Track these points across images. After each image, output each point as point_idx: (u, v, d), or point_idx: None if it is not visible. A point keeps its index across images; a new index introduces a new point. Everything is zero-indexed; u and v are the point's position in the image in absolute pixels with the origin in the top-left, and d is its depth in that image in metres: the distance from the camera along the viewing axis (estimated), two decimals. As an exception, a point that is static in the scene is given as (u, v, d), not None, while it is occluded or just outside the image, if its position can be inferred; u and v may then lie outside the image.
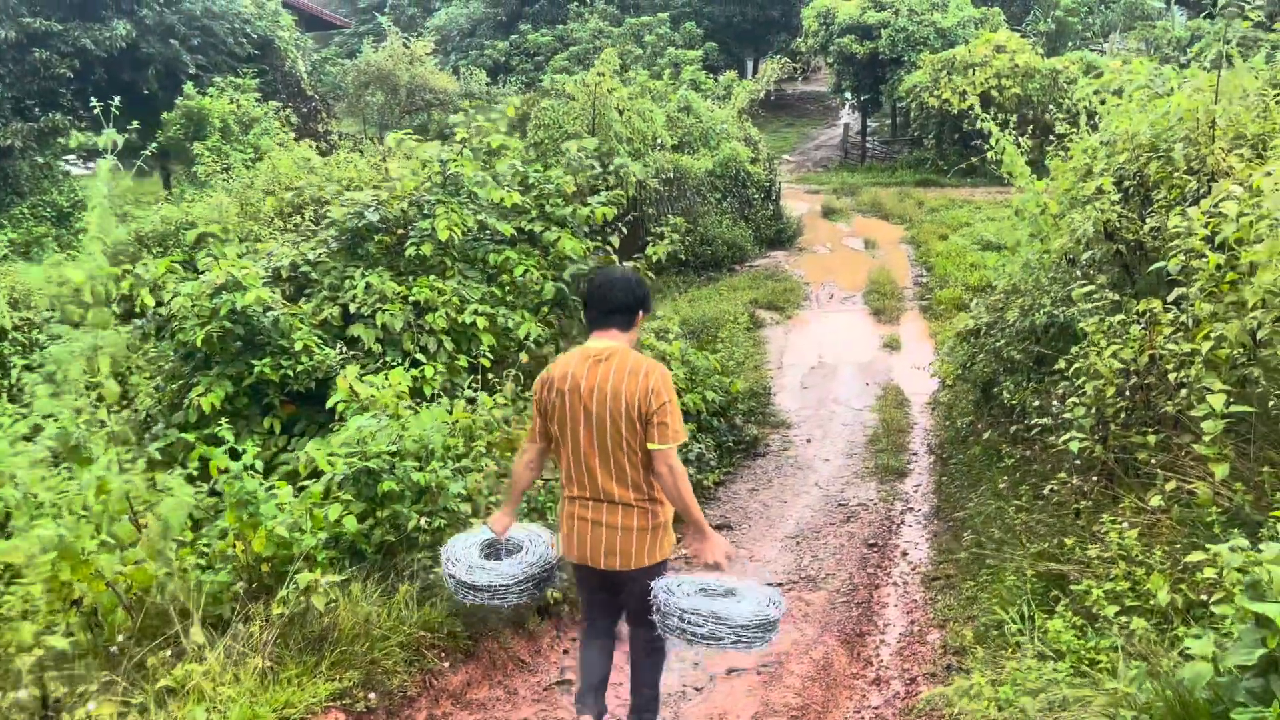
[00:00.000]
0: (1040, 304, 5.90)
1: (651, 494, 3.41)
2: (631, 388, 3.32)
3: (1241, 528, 3.50)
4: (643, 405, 3.31)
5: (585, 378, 3.38)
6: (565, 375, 3.44)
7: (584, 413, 3.37)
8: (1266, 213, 3.65)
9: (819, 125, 35.37)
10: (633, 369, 3.36)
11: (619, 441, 3.34)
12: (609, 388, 3.33)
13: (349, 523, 4.22)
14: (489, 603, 3.72)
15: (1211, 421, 3.51)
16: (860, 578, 5.95)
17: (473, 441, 5.20)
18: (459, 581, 3.68)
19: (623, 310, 3.50)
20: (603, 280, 3.58)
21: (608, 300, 3.50)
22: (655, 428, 3.31)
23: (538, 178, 8.20)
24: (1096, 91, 6.56)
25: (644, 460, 3.36)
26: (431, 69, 29.71)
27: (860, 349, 12.47)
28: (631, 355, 3.44)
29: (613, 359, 3.39)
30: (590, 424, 3.37)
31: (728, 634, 3.22)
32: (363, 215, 7.35)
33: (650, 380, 3.34)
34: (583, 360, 3.43)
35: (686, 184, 17.44)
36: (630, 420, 3.32)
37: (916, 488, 7.82)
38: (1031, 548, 4.37)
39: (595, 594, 3.69)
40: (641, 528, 3.41)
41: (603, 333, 3.49)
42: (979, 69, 22.96)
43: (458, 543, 3.84)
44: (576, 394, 3.39)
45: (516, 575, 3.66)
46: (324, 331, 6.83)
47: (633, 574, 3.44)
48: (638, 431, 3.33)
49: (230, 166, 13.63)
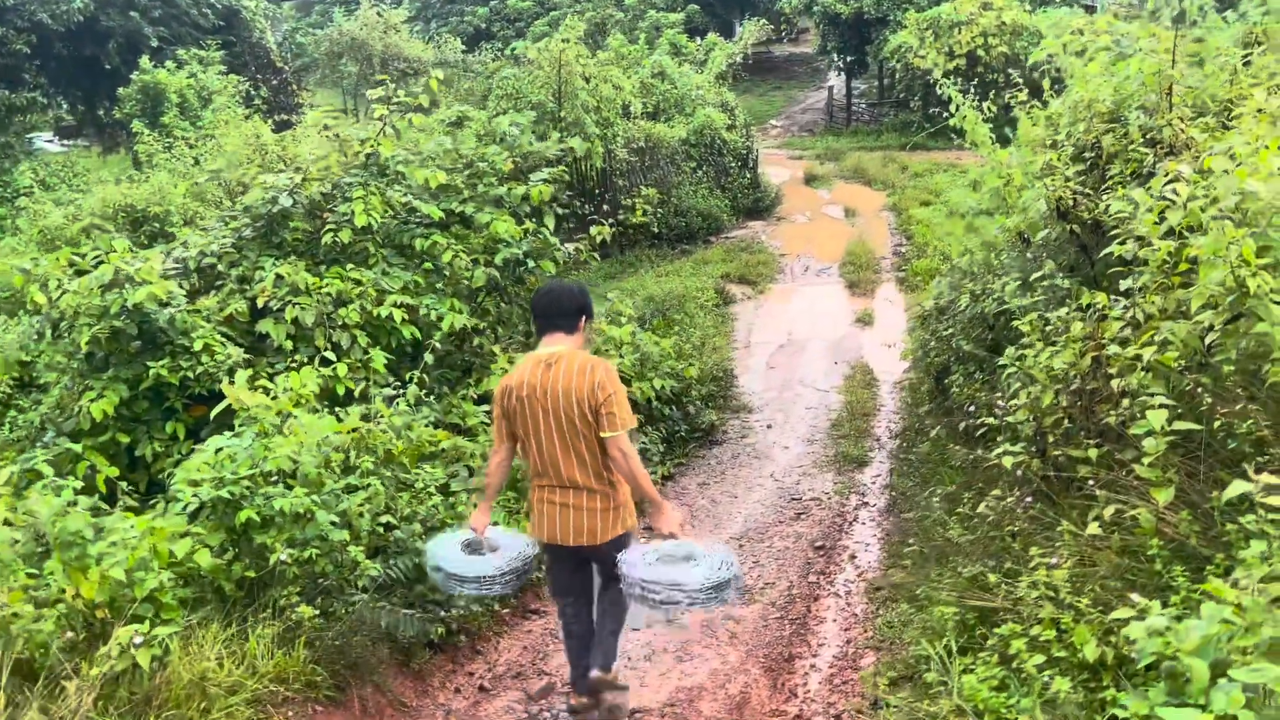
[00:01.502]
0: (991, 289, 5.42)
1: (610, 478, 3.80)
2: (580, 385, 3.70)
3: (1187, 562, 3.06)
4: (591, 400, 3.68)
5: (539, 383, 3.76)
6: (522, 383, 3.80)
7: (542, 412, 3.75)
8: (1217, 195, 3.17)
9: (806, 88, 34.57)
10: (580, 368, 3.73)
11: (575, 434, 3.73)
12: (560, 388, 3.72)
13: (202, 558, 3.79)
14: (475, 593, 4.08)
15: (1153, 440, 3.05)
16: (801, 587, 5.53)
17: (366, 455, 4.75)
18: (447, 574, 3.94)
19: (566, 316, 3.88)
20: (547, 291, 4.03)
21: (552, 308, 3.90)
22: (604, 418, 3.69)
23: (470, 155, 7.70)
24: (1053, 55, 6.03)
25: (600, 448, 3.73)
26: (406, 37, 28.96)
27: (832, 325, 11.99)
28: (578, 356, 3.80)
29: (560, 362, 3.76)
30: (549, 422, 3.75)
31: (683, 597, 3.57)
32: (276, 200, 6.84)
33: (595, 376, 3.71)
34: (535, 366, 3.81)
35: (659, 153, 16.87)
36: (583, 414, 3.69)
37: (875, 479, 7.39)
38: (965, 570, 3.93)
39: (567, 574, 4.07)
40: (604, 509, 3.81)
41: (550, 337, 3.88)
42: (965, 27, 22.25)
43: (441, 542, 4.08)
44: (534, 397, 3.76)
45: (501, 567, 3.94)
46: (231, 329, 6.37)
47: (599, 548, 3.84)
48: (590, 424, 3.70)
49: (173, 145, 13.06)
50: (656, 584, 3.58)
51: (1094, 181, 5.23)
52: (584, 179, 15.28)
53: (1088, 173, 5.25)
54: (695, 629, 5.01)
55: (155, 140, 13.04)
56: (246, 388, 5.14)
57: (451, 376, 7.18)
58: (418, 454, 5.40)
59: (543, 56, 15.40)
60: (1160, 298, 3.58)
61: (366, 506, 4.37)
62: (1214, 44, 4.87)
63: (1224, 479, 3.23)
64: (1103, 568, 3.19)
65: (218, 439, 4.17)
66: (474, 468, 5.54)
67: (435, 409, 6.55)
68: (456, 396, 6.77)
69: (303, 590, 4.00)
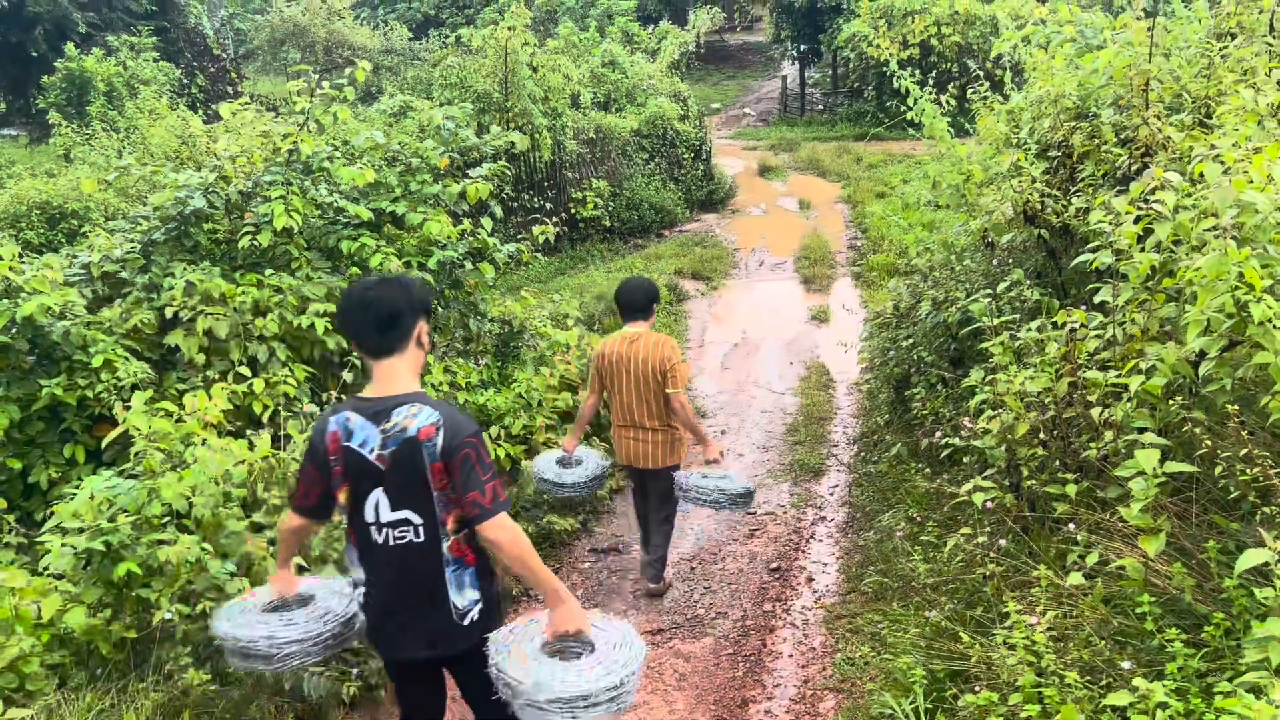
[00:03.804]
0: (954, 297, 5.09)
1: (668, 422, 5.17)
2: (653, 355, 5.08)
3: (1181, 619, 2.73)
4: (660, 367, 5.06)
5: (625, 353, 5.13)
6: (613, 352, 5.18)
7: (626, 374, 5.13)
8: (1209, 207, 2.84)
9: (760, 77, 34.24)
10: (654, 344, 5.11)
11: (648, 390, 5.10)
12: (640, 358, 5.09)
13: (75, 618, 3.33)
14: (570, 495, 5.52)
15: (1142, 483, 2.72)
16: (755, 617, 5.17)
17: (275, 488, 4.29)
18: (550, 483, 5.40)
19: (641, 307, 5.22)
20: (627, 290, 5.26)
21: (632, 303, 5.22)
22: (670, 379, 5.06)
23: (403, 150, 7.21)
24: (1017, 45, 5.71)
25: (664, 401, 5.08)
26: (351, 24, 28.16)
27: (787, 323, 11.66)
28: (652, 335, 5.17)
29: (640, 339, 5.13)
30: (630, 381, 5.13)
31: (724, 499, 5.06)
32: (189, 200, 6.32)
33: (664, 350, 5.09)
34: (621, 342, 5.17)
35: (611, 145, 16.42)
36: (655, 376, 5.07)
37: (832, 490, 7.05)
38: (932, 615, 3.59)
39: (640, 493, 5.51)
40: (663, 442, 5.20)
41: (632, 322, 5.23)
42: (918, 16, 22.04)
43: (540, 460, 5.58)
44: (620, 363, 5.14)
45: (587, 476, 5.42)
46: (137, 341, 5.86)
47: (657, 471, 5.26)
48: (659, 383, 5.07)
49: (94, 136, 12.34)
50: (704, 489, 5.08)
51: (1060, 182, 4.91)
52: (532, 171, 14.80)
53: (1054, 172, 4.94)
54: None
55: (75, 132, 12.32)
56: (145, 410, 4.65)
57: (383, 388, 6.72)
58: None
59: (488, 44, 14.86)
60: (1142, 315, 3.24)
61: (272, 549, 3.92)
62: (1191, 33, 4.55)
63: (1219, 523, 2.91)
64: (1086, 623, 2.85)
65: (94, 480, 3.70)
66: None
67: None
68: (387, 411, 6.31)
69: (194, 650, 3.54)
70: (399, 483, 2.84)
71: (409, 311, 2.90)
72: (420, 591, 2.92)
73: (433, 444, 2.78)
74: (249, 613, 3.13)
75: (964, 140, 6.48)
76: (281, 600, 3.16)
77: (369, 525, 2.92)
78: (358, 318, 2.90)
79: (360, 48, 26.82)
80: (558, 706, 2.66)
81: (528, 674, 2.70)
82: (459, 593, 2.92)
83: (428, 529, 2.87)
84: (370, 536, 2.94)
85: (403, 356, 2.91)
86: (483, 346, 7.61)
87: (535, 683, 2.67)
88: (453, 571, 2.91)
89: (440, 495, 2.83)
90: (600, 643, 2.87)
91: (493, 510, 2.77)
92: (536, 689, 2.67)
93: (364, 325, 2.88)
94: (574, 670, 2.73)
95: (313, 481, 2.99)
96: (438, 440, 2.78)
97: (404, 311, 2.88)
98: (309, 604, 3.16)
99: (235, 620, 3.08)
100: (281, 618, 3.08)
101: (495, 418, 6.85)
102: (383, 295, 2.89)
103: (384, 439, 2.82)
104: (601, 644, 2.87)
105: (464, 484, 2.78)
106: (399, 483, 2.84)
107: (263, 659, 3.01)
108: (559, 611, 2.85)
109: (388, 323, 2.86)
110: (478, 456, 2.80)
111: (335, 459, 2.90)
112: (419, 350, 2.96)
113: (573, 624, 2.85)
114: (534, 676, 2.69)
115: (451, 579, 2.92)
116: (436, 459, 2.79)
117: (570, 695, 2.66)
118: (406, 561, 2.91)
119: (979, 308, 4.26)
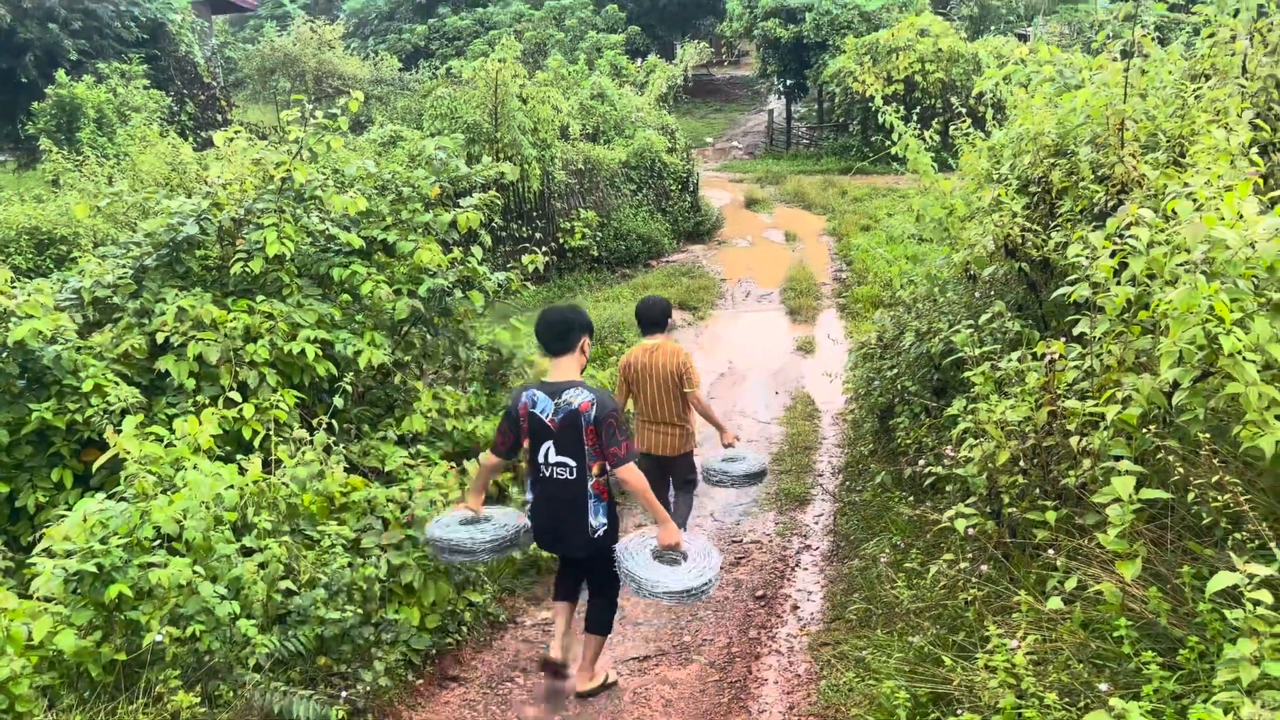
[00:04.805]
0: (937, 328, 5.18)
1: (684, 416, 6.06)
2: (671, 363, 5.96)
3: (1157, 643, 2.80)
4: (678, 371, 5.95)
5: (648, 361, 6.01)
6: (638, 361, 6.06)
7: (649, 378, 6.00)
8: (1181, 243, 2.94)
9: (747, 110, 34.62)
10: (671, 352, 6.02)
11: (668, 392, 5.98)
12: (660, 365, 5.97)
13: (65, 640, 3.34)
14: None
15: (1119, 509, 2.79)
16: (740, 644, 5.21)
17: (265, 511, 4.32)
18: None
19: (658, 322, 6.10)
20: (646, 307, 6.16)
21: (651, 318, 6.10)
22: (686, 381, 5.94)
23: (395, 179, 7.29)
24: (999, 83, 5.85)
25: (680, 401, 5.99)
26: (341, 54, 28.35)
27: (773, 353, 11.76)
28: (668, 345, 6.08)
29: (659, 349, 6.03)
30: (652, 384, 6.00)
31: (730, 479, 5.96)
32: (181, 227, 6.36)
33: (680, 358, 5.99)
34: (644, 352, 6.05)
35: (599, 176, 16.57)
36: (674, 379, 5.94)
37: (817, 519, 7.11)
38: (915, 640, 3.65)
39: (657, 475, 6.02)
40: (679, 434, 6.09)
41: (650, 336, 6.10)
42: (902, 53, 22.40)
43: None
44: (645, 370, 6.01)
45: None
46: (127, 366, 5.89)
47: (675, 458, 6.12)
48: (677, 384, 5.94)
49: (84, 163, 12.38)
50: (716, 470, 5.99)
51: (1040, 216, 5.03)
52: (521, 201, 14.92)
53: (1034, 207, 5.05)
54: (628, 696, 4.65)
55: (65, 158, 12.37)
56: (136, 434, 4.68)
57: (372, 415, 6.75)
58: (327, 506, 4.98)
59: (479, 76, 15.02)
60: (1119, 347, 3.33)
61: (262, 573, 3.94)
62: (1166, 74, 4.69)
63: (1193, 549, 2.99)
64: (1065, 646, 2.91)
65: (86, 502, 3.72)
66: (389, 519, 5.12)
67: (353, 450, 6.13)
68: (375, 437, 6.34)
69: (184, 672, 3.56)
70: (563, 438, 4.29)
71: (577, 328, 4.43)
72: (569, 511, 4.35)
73: (589, 414, 4.23)
74: (451, 524, 4.55)
75: (947, 175, 6.61)
76: (472, 516, 4.60)
77: (540, 465, 4.38)
78: (545, 330, 4.41)
79: (350, 77, 26.98)
80: (668, 595, 4.05)
81: (647, 572, 4.11)
82: (594, 516, 4.35)
83: (579, 470, 4.30)
84: (540, 472, 4.39)
85: (571, 356, 4.41)
86: (471, 374, 7.66)
87: (653, 579, 4.06)
88: (592, 501, 4.33)
89: (589, 449, 4.26)
90: (691, 552, 4.27)
91: (625, 459, 4.22)
92: (655, 584, 4.06)
93: (548, 334, 4.40)
94: (679, 572, 4.13)
95: (506, 434, 4.49)
96: (592, 412, 4.22)
97: (574, 327, 4.42)
98: (491, 520, 4.59)
99: (443, 528, 4.52)
100: (477, 527, 4.51)
101: (484, 444, 6.88)
102: (561, 316, 4.45)
103: (556, 408, 4.28)
104: (692, 553, 4.27)
105: (607, 442, 4.21)
106: (563, 438, 4.29)
107: (466, 554, 4.45)
108: (665, 530, 4.29)
109: (563, 334, 4.39)
110: (616, 424, 4.24)
111: (524, 419, 4.38)
112: (581, 355, 4.47)
113: (673, 539, 4.28)
114: (652, 575, 4.09)
115: (590, 506, 4.33)
116: (590, 424, 4.23)
117: (677, 589, 4.03)
118: (562, 491, 4.34)
119: (961, 339, 4.35)
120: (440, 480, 5.78)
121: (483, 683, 4.87)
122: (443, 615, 5.02)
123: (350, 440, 6.24)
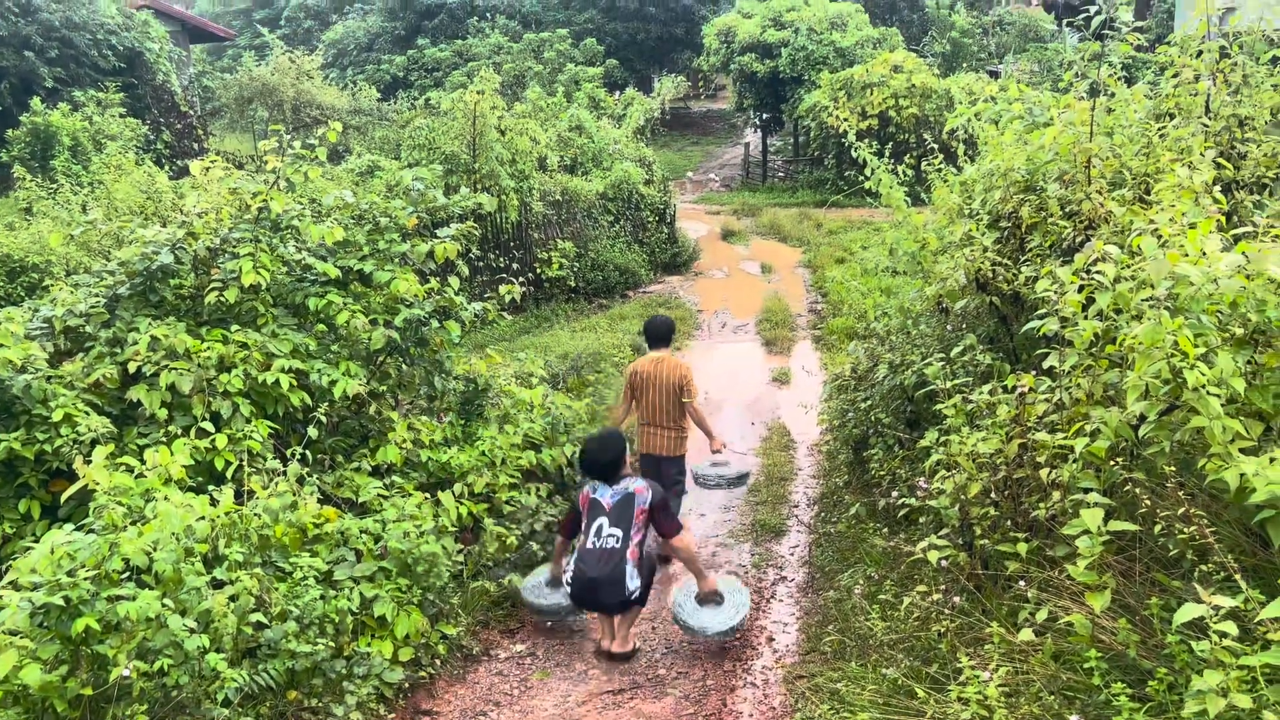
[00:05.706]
0: (910, 360, 5.24)
1: (680, 423, 6.88)
2: (673, 374, 6.78)
3: (1126, 674, 2.82)
4: (679, 383, 6.77)
5: (652, 371, 6.84)
6: (643, 370, 6.91)
7: (652, 387, 6.81)
8: (1146, 279, 3.00)
9: (724, 144, 34.98)
10: (673, 365, 6.87)
11: (668, 399, 6.77)
12: (663, 375, 6.79)
13: (30, 675, 3.28)
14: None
15: (1088, 541, 2.83)
16: (715, 677, 5.19)
17: (236, 543, 4.28)
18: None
19: (664, 338, 7.07)
20: (654, 324, 7.15)
21: (657, 334, 7.08)
22: (686, 392, 6.76)
23: (372, 209, 7.30)
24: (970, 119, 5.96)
25: (678, 409, 6.77)
26: (320, 84, 28.40)
27: (749, 384, 11.80)
28: (671, 358, 6.95)
29: (663, 362, 6.88)
30: (655, 392, 6.81)
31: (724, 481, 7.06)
32: (153, 257, 6.33)
33: (681, 370, 6.83)
34: (649, 363, 6.91)
35: (576, 207, 16.66)
36: (675, 389, 6.75)
37: (793, 550, 7.12)
38: (889, 672, 3.65)
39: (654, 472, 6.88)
40: (675, 437, 6.90)
41: (656, 348, 7.02)
42: (876, 89, 22.74)
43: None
44: (649, 379, 6.83)
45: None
46: (99, 396, 5.83)
47: (671, 458, 6.96)
48: (677, 393, 6.73)
49: (58, 191, 12.30)
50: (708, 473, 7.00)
51: (1011, 251, 5.11)
52: (499, 231, 14.96)
53: (1004, 242, 5.14)
54: (602, 729, 4.63)
55: (39, 186, 12.28)
56: (106, 464, 4.63)
57: (346, 445, 6.71)
58: (300, 538, 4.94)
59: (457, 107, 15.10)
60: (1087, 380, 3.39)
61: (233, 605, 3.90)
62: (1131, 114, 4.80)
63: (1161, 581, 3.02)
64: (1037, 678, 2.93)
65: (54, 533, 3.67)
66: (362, 550, 5.08)
67: (327, 481, 6.08)
68: (350, 468, 6.30)
69: (151, 708, 3.51)
70: (616, 515, 5.44)
71: (622, 455, 5.64)
72: (612, 575, 5.33)
73: (643, 497, 5.48)
74: (540, 588, 5.92)
75: (920, 209, 6.71)
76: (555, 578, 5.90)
77: (593, 534, 5.45)
78: (598, 456, 5.63)
79: (329, 107, 27.03)
80: (719, 635, 5.35)
81: (696, 618, 5.41)
82: (631, 580, 5.37)
83: (623, 541, 5.40)
84: (591, 542, 5.44)
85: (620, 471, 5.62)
86: (447, 404, 7.63)
87: (701, 625, 5.37)
88: (630, 567, 5.36)
89: (636, 525, 5.43)
90: (727, 595, 5.52)
91: (676, 532, 5.49)
92: (703, 628, 5.36)
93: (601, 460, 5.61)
94: (719, 614, 5.41)
95: (572, 519, 5.77)
96: (648, 496, 5.49)
97: (621, 454, 5.64)
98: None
99: (536, 593, 5.90)
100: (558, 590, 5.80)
101: (458, 475, 6.84)
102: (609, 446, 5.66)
103: (613, 493, 5.52)
104: (728, 595, 5.51)
105: (661, 521, 5.48)
106: (616, 515, 5.44)
107: (554, 614, 5.87)
108: (704, 583, 5.53)
109: (615, 462, 5.60)
110: (665, 507, 5.55)
111: (584, 507, 5.60)
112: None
113: (711, 588, 5.50)
114: (699, 620, 5.39)
115: (628, 571, 5.35)
116: (644, 507, 5.46)
117: (720, 630, 5.33)
118: (608, 558, 5.36)
119: (934, 371, 4.41)
120: (414, 511, 5.75)
121: (455, 717, 4.82)
122: (416, 648, 4.97)
123: (324, 471, 6.20)
